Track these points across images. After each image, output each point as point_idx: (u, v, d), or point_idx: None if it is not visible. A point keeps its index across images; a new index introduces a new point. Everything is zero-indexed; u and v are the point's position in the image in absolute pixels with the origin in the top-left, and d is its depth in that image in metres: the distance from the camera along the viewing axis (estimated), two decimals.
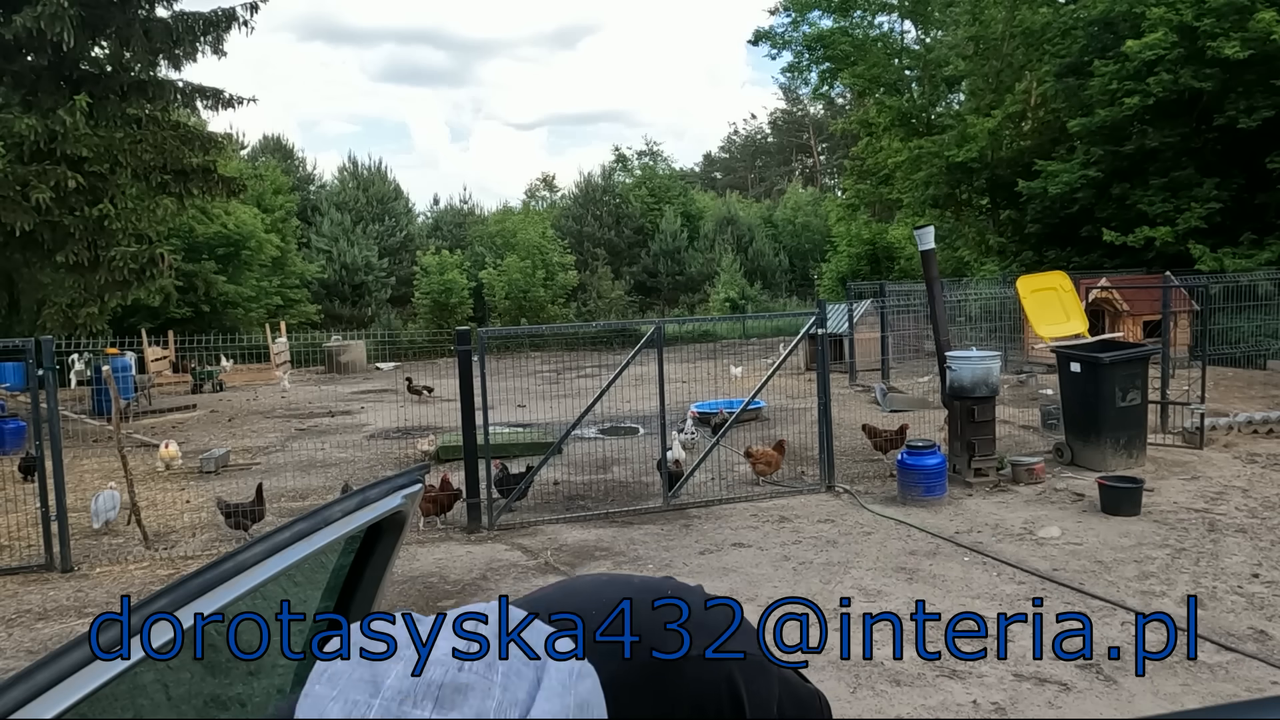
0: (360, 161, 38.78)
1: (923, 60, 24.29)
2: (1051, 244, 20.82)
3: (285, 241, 30.11)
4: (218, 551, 6.97)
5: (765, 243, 39.29)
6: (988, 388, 8.13)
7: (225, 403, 16.54)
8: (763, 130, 60.28)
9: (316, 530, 1.24)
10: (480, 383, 7.63)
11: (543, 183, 48.70)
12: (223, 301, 25.66)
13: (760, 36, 25.97)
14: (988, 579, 5.70)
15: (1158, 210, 17.24)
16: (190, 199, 16.38)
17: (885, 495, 7.91)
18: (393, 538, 1.47)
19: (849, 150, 33.86)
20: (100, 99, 14.95)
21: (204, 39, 15.90)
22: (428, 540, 7.27)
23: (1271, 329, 14.26)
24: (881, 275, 27.59)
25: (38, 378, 6.91)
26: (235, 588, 1.09)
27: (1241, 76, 15.90)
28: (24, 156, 13.80)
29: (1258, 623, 4.83)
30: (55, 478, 6.83)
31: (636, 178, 42.62)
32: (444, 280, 32.11)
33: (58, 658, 0.88)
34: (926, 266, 9.18)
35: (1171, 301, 11.22)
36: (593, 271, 36.23)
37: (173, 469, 10.29)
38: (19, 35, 13.79)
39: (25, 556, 7.11)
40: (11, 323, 15.67)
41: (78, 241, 14.21)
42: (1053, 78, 19.71)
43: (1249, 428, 9.59)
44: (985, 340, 14.82)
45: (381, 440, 11.91)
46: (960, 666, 4.39)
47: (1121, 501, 6.97)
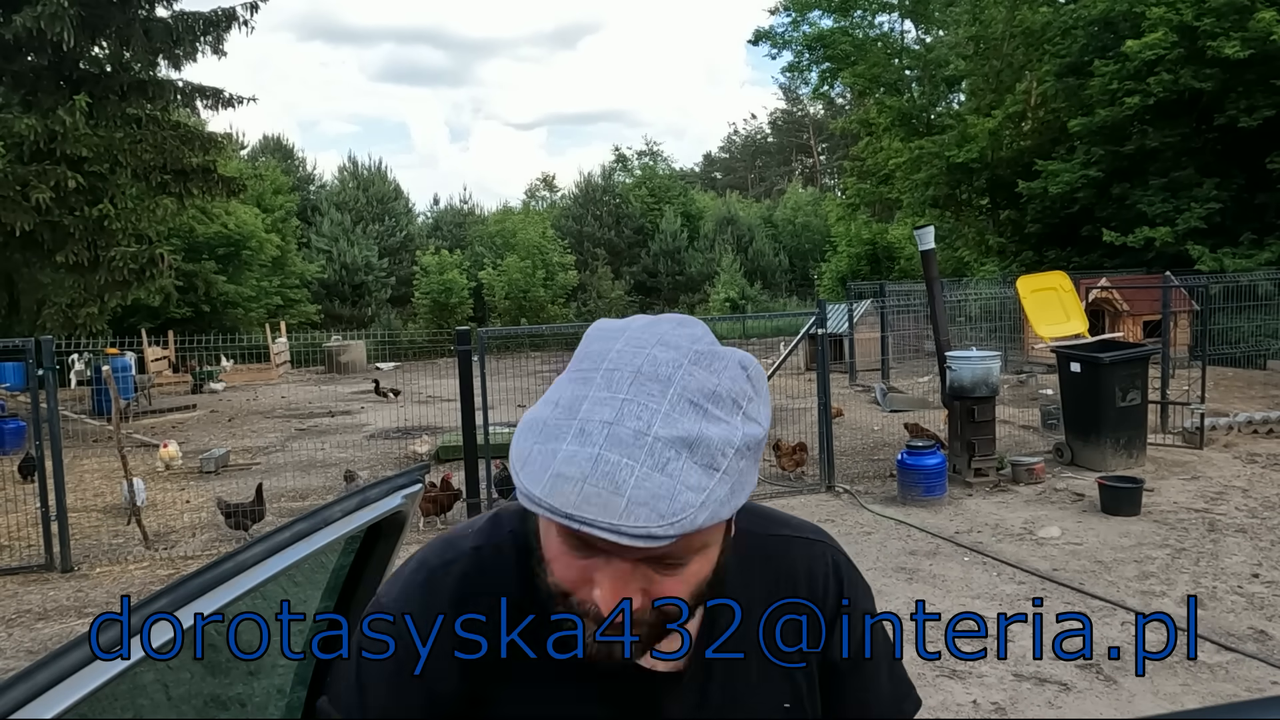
0: (360, 161, 38.84)
1: (923, 60, 24.29)
2: (1051, 244, 20.82)
3: (285, 241, 30.10)
4: (218, 551, 6.98)
5: (765, 243, 39.29)
6: (988, 388, 8.13)
7: (225, 403, 16.55)
8: (763, 130, 60.35)
9: (316, 530, 1.24)
10: (480, 383, 7.62)
11: (543, 183, 48.74)
12: (223, 301, 25.65)
13: (760, 36, 25.99)
14: (988, 579, 5.70)
15: (1158, 210, 17.23)
16: (190, 199, 16.38)
17: (885, 495, 7.91)
18: (393, 538, 1.47)
19: (849, 150, 33.86)
20: (100, 99, 14.95)
21: (204, 39, 15.91)
22: (428, 540, 7.27)
23: (1271, 329, 14.26)
24: (881, 275, 27.60)
25: (38, 378, 6.91)
26: (235, 588, 1.09)
27: (1242, 76, 15.89)
28: (24, 156, 13.80)
29: (1258, 623, 4.83)
30: (55, 478, 6.83)
31: (636, 178, 42.62)
32: (444, 280, 32.11)
33: (58, 658, 0.88)
34: (926, 266, 9.17)
35: (1171, 301, 11.22)
36: (593, 271, 36.23)
37: (173, 469, 10.29)
38: (19, 35, 13.79)
39: (25, 556, 7.11)
40: (11, 323, 15.66)
41: (78, 241, 14.21)
42: (1053, 77, 19.70)
43: (1249, 428, 9.59)
44: (985, 340, 14.82)
45: (381, 440, 11.91)
46: (960, 666, 4.39)
47: (1121, 501, 6.97)
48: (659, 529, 0.74)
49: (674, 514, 0.75)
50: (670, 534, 0.75)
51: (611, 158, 48.21)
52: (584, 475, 0.75)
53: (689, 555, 0.83)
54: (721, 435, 0.78)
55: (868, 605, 1.09)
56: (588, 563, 0.83)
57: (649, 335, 0.84)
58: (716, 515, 0.77)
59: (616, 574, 0.82)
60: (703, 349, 0.83)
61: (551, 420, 0.80)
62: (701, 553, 0.85)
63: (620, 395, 0.78)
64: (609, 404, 0.78)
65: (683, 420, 0.77)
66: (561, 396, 0.81)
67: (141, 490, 8.27)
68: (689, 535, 0.77)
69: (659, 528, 0.74)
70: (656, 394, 0.78)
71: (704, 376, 0.81)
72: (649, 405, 0.78)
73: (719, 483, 0.77)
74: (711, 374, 0.81)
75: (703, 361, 0.82)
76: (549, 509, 0.76)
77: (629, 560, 0.81)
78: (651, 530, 0.74)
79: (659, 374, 0.80)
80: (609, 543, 0.76)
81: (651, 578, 0.83)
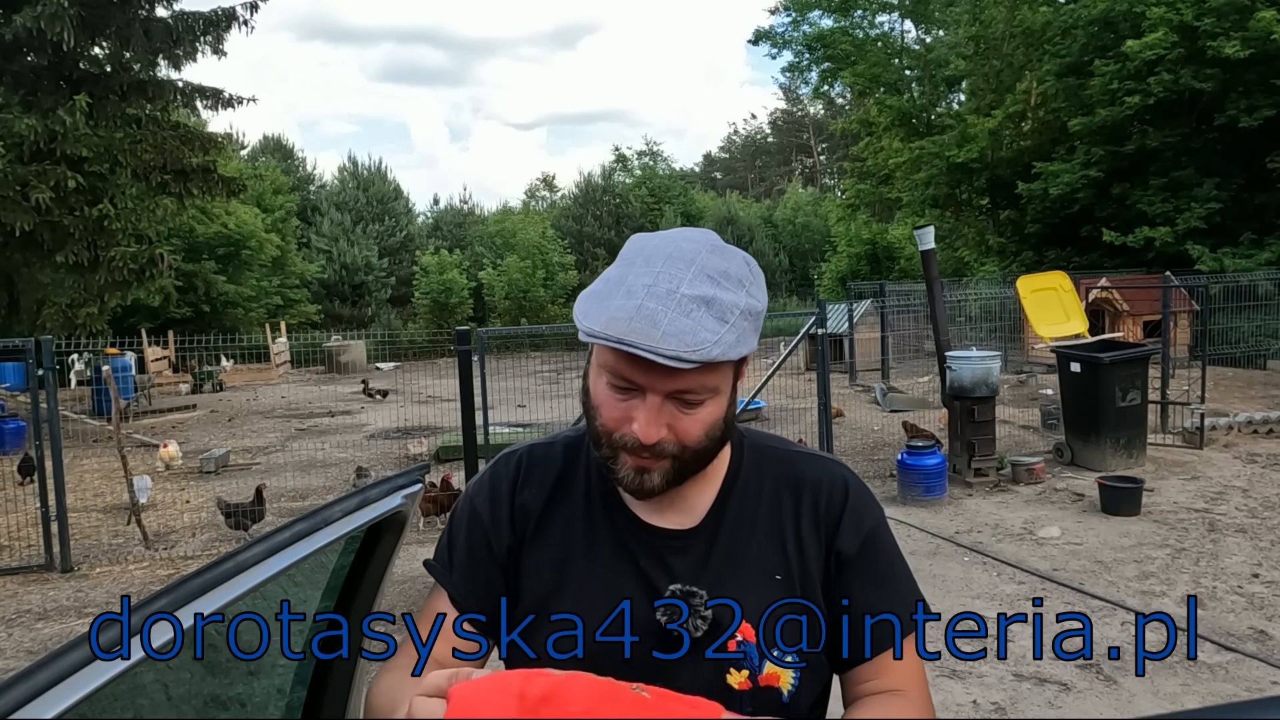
0: (360, 161, 38.82)
1: (923, 60, 24.29)
2: (1051, 244, 20.82)
3: (285, 241, 30.11)
4: (218, 551, 6.98)
5: (765, 243, 39.29)
6: (988, 388, 8.12)
7: (225, 403, 16.54)
8: (763, 130, 60.34)
9: (316, 530, 1.24)
10: (480, 383, 7.62)
11: (543, 183, 48.78)
12: (223, 301, 25.66)
13: (760, 36, 25.98)
14: (988, 579, 5.70)
15: (1158, 210, 17.24)
16: (190, 199, 16.38)
17: (885, 495, 7.90)
18: (393, 538, 1.47)
19: (849, 150, 33.85)
20: (100, 99, 14.95)
21: (204, 39, 15.91)
22: (428, 540, 7.27)
23: (1271, 329, 14.26)
24: (881, 275, 27.60)
25: (38, 378, 6.90)
26: (235, 588, 1.08)
27: (1242, 76, 15.90)
28: (24, 156, 13.79)
29: (1258, 623, 4.83)
30: (55, 478, 6.82)
31: (636, 178, 42.63)
32: (444, 280, 32.11)
33: (58, 658, 0.88)
34: (926, 266, 9.17)
35: (1171, 301, 11.23)
36: (593, 271, 36.21)
37: (173, 469, 10.30)
38: (19, 35, 13.80)
39: (25, 556, 7.10)
40: (11, 323, 15.66)
41: (77, 241, 14.21)
42: (1053, 77, 19.69)
43: (1249, 428, 9.59)
44: (985, 340, 14.82)
45: (382, 440, 11.91)
46: (960, 666, 4.39)
47: (1121, 501, 6.97)
48: (686, 353, 0.98)
49: (696, 345, 0.99)
50: (694, 359, 0.99)
51: (611, 158, 48.25)
52: (630, 316, 0.99)
53: (705, 394, 1.06)
54: (730, 299, 1.03)
55: (875, 515, 1.23)
56: (628, 403, 1.06)
57: (677, 234, 1.10)
58: (726, 354, 1.01)
59: (650, 408, 1.04)
60: (717, 243, 1.09)
61: (603, 289, 1.05)
62: (714, 396, 1.08)
63: (656, 269, 1.03)
64: (647, 274, 1.03)
65: (702, 286, 1.02)
66: (611, 275, 1.07)
67: (147, 486, 8.31)
68: (705, 372, 1.03)
69: (686, 353, 0.98)
70: (683, 268, 1.03)
71: (718, 261, 1.06)
72: (677, 274, 1.03)
73: (728, 331, 1.02)
74: (724, 260, 1.07)
75: (717, 251, 1.08)
76: (604, 337, 1.00)
77: (659, 395, 1.04)
78: (680, 354, 0.98)
79: (684, 256, 1.05)
80: (647, 369, 1.01)
81: (677, 415, 1.06)
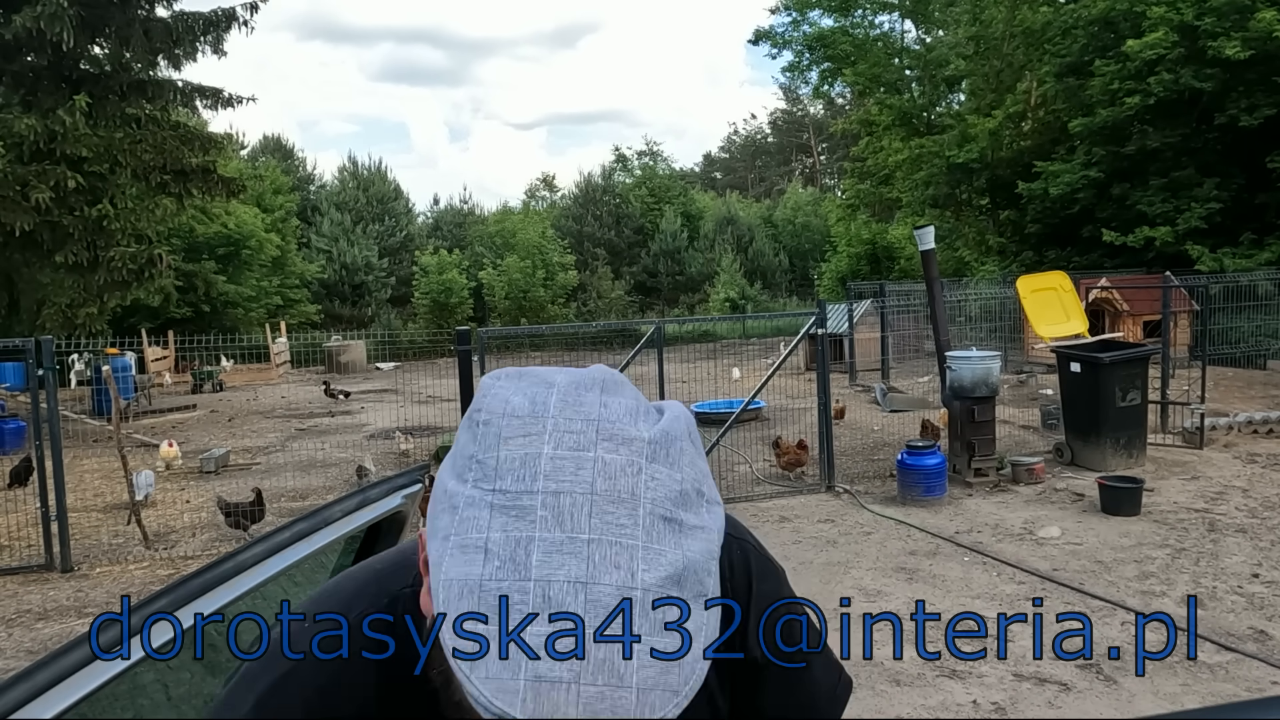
0: (360, 161, 38.91)
1: (923, 60, 24.29)
2: (1051, 244, 20.82)
3: (285, 241, 30.12)
4: (218, 551, 6.97)
5: (765, 243, 39.32)
6: (988, 388, 8.12)
7: (225, 403, 16.54)
8: (763, 130, 60.38)
9: (316, 530, 1.24)
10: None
11: (543, 183, 48.77)
12: (223, 301, 25.67)
13: (760, 36, 26.00)
14: (988, 579, 5.70)
15: (1158, 210, 17.23)
16: (190, 199, 16.39)
17: (885, 495, 7.91)
18: (393, 538, 1.47)
19: (849, 150, 33.85)
20: (100, 99, 14.95)
21: (204, 39, 15.91)
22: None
23: (1271, 329, 14.25)
24: (881, 275, 27.59)
25: (38, 378, 6.90)
26: (235, 588, 1.09)
27: (1242, 76, 15.89)
28: (24, 156, 13.80)
29: (1258, 623, 4.83)
30: (55, 478, 6.82)
31: (636, 178, 42.65)
32: (444, 280, 32.12)
33: (58, 658, 0.88)
34: (926, 266, 9.17)
35: (1171, 301, 11.21)
36: (593, 271, 36.24)
37: (173, 469, 10.29)
38: (19, 35, 13.79)
39: (25, 556, 7.10)
40: (11, 323, 15.66)
41: (77, 241, 14.21)
42: (1053, 78, 19.70)
43: (1249, 428, 9.59)
44: (985, 340, 14.81)
45: (381, 440, 11.90)
46: (960, 666, 4.39)
47: (1121, 501, 6.96)
48: (673, 708, 0.56)
49: (684, 679, 0.57)
50: (683, 705, 0.57)
51: (611, 158, 48.28)
52: (575, 674, 0.54)
53: None
54: (703, 550, 0.60)
55: (781, 591, 0.94)
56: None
57: (583, 424, 0.61)
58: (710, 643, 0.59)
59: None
60: (653, 433, 0.62)
61: (491, 583, 0.56)
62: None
63: (583, 535, 0.56)
64: (571, 552, 0.56)
65: (664, 551, 0.58)
66: (491, 539, 0.57)
67: (150, 482, 8.36)
68: None
69: (674, 707, 0.56)
70: (627, 522, 0.57)
71: (667, 475, 0.60)
72: (623, 543, 0.57)
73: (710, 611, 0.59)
74: (672, 467, 0.61)
75: (660, 454, 0.61)
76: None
77: None
78: (667, 714, 0.56)
79: (620, 491, 0.58)
80: None
81: None
